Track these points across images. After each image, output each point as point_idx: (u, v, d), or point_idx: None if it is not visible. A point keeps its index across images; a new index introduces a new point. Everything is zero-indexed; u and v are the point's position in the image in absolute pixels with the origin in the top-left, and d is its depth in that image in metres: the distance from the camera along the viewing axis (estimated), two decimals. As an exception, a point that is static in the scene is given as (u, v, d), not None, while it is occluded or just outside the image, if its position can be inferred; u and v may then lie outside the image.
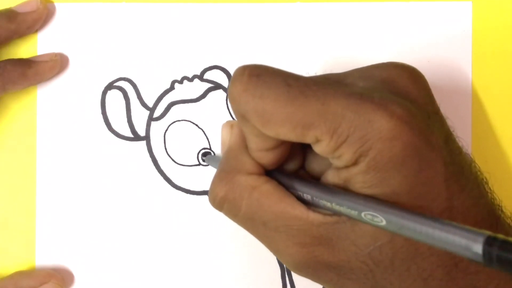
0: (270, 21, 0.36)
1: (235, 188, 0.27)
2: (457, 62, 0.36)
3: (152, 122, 0.36)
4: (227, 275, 0.36)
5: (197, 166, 0.36)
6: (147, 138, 0.36)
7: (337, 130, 0.24)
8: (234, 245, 0.36)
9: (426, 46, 0.36)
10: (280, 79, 0.25)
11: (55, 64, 0.35)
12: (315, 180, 0.28)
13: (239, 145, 0.29)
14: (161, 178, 0.36)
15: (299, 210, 0.26)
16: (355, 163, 0.24)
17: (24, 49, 0.36)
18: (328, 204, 0.25)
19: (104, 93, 0.36)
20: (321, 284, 0.28)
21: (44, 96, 0.36)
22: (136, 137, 0.36)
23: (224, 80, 0.36)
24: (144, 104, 0.36)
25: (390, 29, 0.36)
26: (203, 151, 0.36)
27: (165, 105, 0.36)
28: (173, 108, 0.36)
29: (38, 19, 0.35)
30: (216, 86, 0.36)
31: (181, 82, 0.36)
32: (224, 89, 0.36)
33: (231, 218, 0.28)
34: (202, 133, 0.36)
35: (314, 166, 0.29)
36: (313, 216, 0.26)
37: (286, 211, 0.26)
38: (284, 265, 0.36)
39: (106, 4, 0.36)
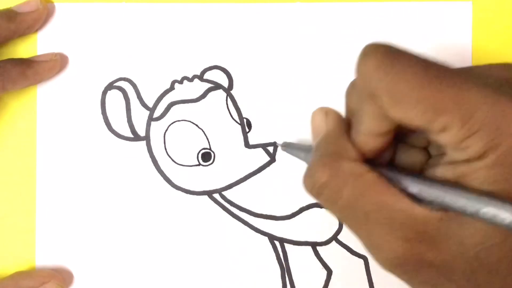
0: (270, 21, 0.36)
1: (338, 174, 0.26)
2: (457, 62, 0.36)
3: (152, 122, 0.36)
4: (227, 275, 0.36)
5: (197, 166, 0.36)
6: (147, 138, 0.36)
7: (470, 119, 0.23)
8: (234, 245, 0.36)
9: (426, 46, 0.36)
10: (417, 60, 0.24)
11: (55, 64, 0.35)
12: (420, 174, 0.27)
13: (339, 131, 0.28)
14: (161, 178, 0.36)
15: (405, 203, 0.25)
16: (481, 156, 0.24)
17: (24, 49, 0.36)
18: (439, 199, 0.24)
19: (104, 93, 0.36)
20: (415, 286, 0.27)
21: (44, 96, 0.36)
22: (136, 137, 0.36)
23: (224, 80, 0.36)
24: (144, 104, 0.36)
25: (390, 29, 0.36)
26: (203, 151, 0.36)
27: (165, 105, 0.36)
28: (173, 108, 0.36)
29: (38, 19, 0.35)
30: (216, 86, 0.36)
31: (181, 82, 0.36)
32: (224, 89, 0.36)
33: (329, 206, 0.27)
34: (202, 133, 0.36)
35: (406, 161, 0.28)
36: (419, 210, 0.25)
37: (391, 202, 0.25)
38: (284, 265, 0.36)
39: (106, 4, 0.36)
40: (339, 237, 0.36)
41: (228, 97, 0.36)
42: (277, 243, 0.36)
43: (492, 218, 0.23)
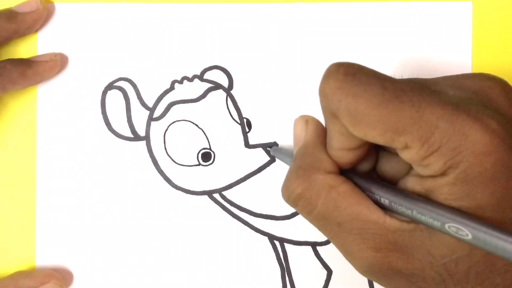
0: (270, 21, 0.36)
1: (312, 186, 0.27)
2: (457, 62, 0.36)
3: (152, 122, 0.36)
4: (227, 275, 0.36)
5: (197, 166, 0.36)
6: (147, 138, 0.36)
7: (429, 139, 0.24)
8: (234, 245, 0.36)
9: (426, 46, 0.36)
10: (376, 80, 0.24)
11: (55, 64, 0.35)
12: (392, 185, 0.27)
13: (316, 142, 0.28)
14: (161, 178, 0.36)
15: (376, 214, 0.26)
16: (443, 174, 0.24)
17: (24, 49, 0.36)
18: (408, 212, 0.25)
19: (104, 93, 0.36)
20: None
21: (44, 96, 0.36)
22: (136, 137, 0.36)
23: (224, 80, 0.36)
24: (144, 104, 0.36)
25: (390, 29, 0.36)
26: (203, 151, 0.36)
27: (165, 105, 0.36)
28: (173, 108, 0.36)
29: (38, 19, 0.35)
30: (216, 86, 0.36)
31: (181, 82, 0.36)
32: (224, 89, 0.36)
33: (304, 215, 0.28)
34: (202, 133, 0.36)
35: (387, 169, 0.28)
36: (389, 221, 0.26)
37: (362, 214, 0.26)
38: (284, 265, 0.36)
39: (106, 4, 0.36)
40: (339, 237, 0.36)
41: (228, 97, 0.36)
42: (277, 243, 0.36)
43: (455, 232, 0.24)
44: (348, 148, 0.27)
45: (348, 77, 0.25)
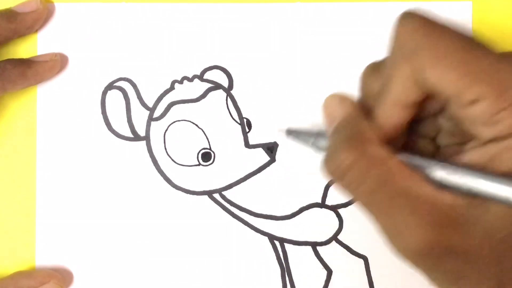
0: (270, 21, 0.36)
1: (364, 157, 0.25)
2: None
3: (152, 122, 0.36)
4: (227, 275, 0.36)
5: (197, 166, 0.36)
6: (147, 138, 0.36)
7: (506, 92, 0.23)
8: (234, 245, 0.36)
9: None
10: (454, 28, 0.24)
11: (55, 64, 0.35)
12: (444, 159, 0.26)
13: (358, 115, 0.27)
14: (161, 178, 0.36)
15: (429, 189, 0.25)
16: (511, 134, 0.23)
17: (24, 49, 0.36)
18: (465, 185, 0.24)
19: (104, 93, 0.36)
20: (436, 277, 0.25)
21: (44, 96, 0.36)
22: (136, 137, 0.36)
23: (224, 80, 0.36)
24: (144, 104, 0.36)
25: (390, 29, 0.36)
26: (203, 151, 0.36)
27: (165, 105, 0.36)
28: (173, 108, 0.36)
29: (38, 19, 0.35)
30: (216, 86, 0.36)
31: (181, 82, 0.36)
32: (224, 89, 0.36)
33: (351, 190, 0.26)
34: (202, 133, 0.36)
35: (414, 149, 0.27)
36: (444, 196, 0.25)
37: (415, 188, 0.25)
38: (284, 265, 0.36)
39: (106, 4, 0.36)
40: (339, 237, 0.36)
41: (228, 97, 0.36)
42: (277, 243, 0.36)
43: None
44: (405, 103, 0.26)
45: (428, 20, 0.24)
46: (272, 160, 0.36)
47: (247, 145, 0.36)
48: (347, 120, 0.27)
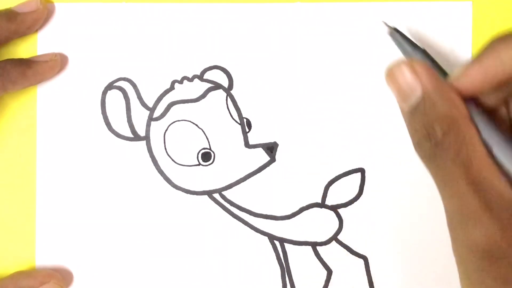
0: (270, 21, 0.36)
1: (460, 131, 0.25)
2: (457, 62, 0.36)
3: (152, 122, 0.36)
4: (227, 275, 0.36)
5: (197, 166, 0.36)
6: (147, 138, 0.36)
7: None
8: (234, 245, 0.36)
9: (426, 46, 0.36)
10: None
11: (55, 64, 0.35)
12: None
13: (443, 85, 0.26)
14: (161, 178, 0.36)
15: (503, 185, 0.24)
16: None
17: (24, 49, 0.36)
18: None
19: (104, 93, 0.36)
20: (482, 280, 0.25)
21: (44, 96, 0.36)
22: (136, 137, 0.36)
23: (224, 80, 0.36)
24: (144, 104, 0.36)
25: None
26: (203, 151, 0.36)
27: (165, 105, 0.36)
28: (173, 108, 0.36)
29: (38, 19, 0.35)
30: (216, 86, 0.36)
31: (181, 82, 0.36)
32: (224, 89, 0.36)
33: (443, 162, 0.25)
34: (202, 133, 0.36)
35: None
36: None
37: (494, 181, 0.24)
38: (284, 265, 0.36)
39: (106, 4, 0.36)
40: (339, 237, 0.36)
41: (228, 97, 0.36)
42: (277, 243, 0.36)
43: None
44: (502, 73, 0.25)
45: None
46: (272, 160, 0.36)
47: (247, 145, 0.36)
48: (433, 93, 0.26)
